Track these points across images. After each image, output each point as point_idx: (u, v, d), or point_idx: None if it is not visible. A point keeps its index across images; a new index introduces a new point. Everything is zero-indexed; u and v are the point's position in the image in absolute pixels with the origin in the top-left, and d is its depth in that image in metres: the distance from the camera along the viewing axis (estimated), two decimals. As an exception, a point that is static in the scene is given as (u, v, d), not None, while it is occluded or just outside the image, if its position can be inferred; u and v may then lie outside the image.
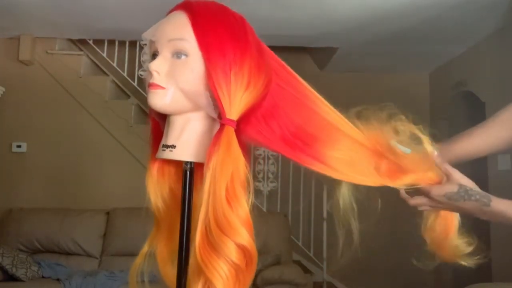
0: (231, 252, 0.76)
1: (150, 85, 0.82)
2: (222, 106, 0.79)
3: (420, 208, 0.98)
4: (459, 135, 1.15)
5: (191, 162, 0.85)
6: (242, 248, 0.76)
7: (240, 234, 0.76)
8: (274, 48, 0.91)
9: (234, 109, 0.80)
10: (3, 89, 4.19)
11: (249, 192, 0.80)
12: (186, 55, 0.80)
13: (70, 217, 3.89)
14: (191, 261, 0.79)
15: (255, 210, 0.80)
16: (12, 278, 3.39)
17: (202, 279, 0.77)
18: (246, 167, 0.80)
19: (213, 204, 0.76)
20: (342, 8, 3.42)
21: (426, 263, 1.02)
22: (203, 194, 0.78)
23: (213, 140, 0.79)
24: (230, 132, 0.79)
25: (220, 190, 0.76)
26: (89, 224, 3.90)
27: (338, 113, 0.93)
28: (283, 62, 0.93)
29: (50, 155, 4.32)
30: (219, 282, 0.75)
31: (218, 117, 0.83)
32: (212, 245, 0.76)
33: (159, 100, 0.81)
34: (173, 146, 0.84)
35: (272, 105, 0.88)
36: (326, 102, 0.93)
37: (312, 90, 0.93)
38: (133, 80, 4.58)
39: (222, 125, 0.79)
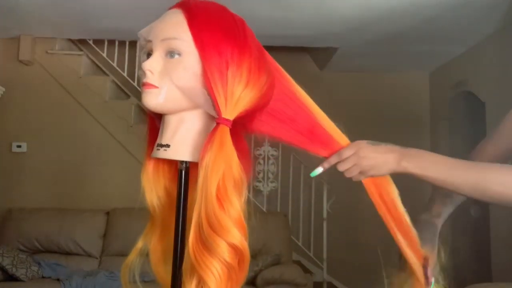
0: (223, 251, 0.76)
1: (144, 84, 0.83)
2: (218, 105, 0.79)
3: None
4: (473, 153, 1.15)
5: (186, 162, 0.85)
6: (234, 248, 0.76)
7: (232, 234, 0.76)
8: (274, 48, 0.91)
9: (230, 108, 0.79)
10: (3, 89, 4.19)
11: (243, 192, 0.80)
12: (179, 54, 0.80)
13: (70, 217, 3.89)
14: (185, 259, 0.79)
15: (255, 210, 0.79)
16: (12, 278, 3.39)
17: (195, 277, 0.77)
18: (239, 167, 0.79)
19: (205, 203, 0.76)
20: (342, 8, 3.42)
21: None
22: (197, 193, 0.78)
23: (207, 138, 0.79)
24: (224, 131, 0.79)
25: (211, 188, 0.76)
26: (89, 224, 3.90)
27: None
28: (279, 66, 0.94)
29: (50, 155, 4.32)
30: (212, 281, 0.75)
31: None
32: (205, 244, 0.76)
33: (152, 100, 0.82)
34: (167, 146, 0.84)
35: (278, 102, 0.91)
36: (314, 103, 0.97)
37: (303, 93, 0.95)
38: (133, 80, 4.58)
39: (217, 124, 0.79)
